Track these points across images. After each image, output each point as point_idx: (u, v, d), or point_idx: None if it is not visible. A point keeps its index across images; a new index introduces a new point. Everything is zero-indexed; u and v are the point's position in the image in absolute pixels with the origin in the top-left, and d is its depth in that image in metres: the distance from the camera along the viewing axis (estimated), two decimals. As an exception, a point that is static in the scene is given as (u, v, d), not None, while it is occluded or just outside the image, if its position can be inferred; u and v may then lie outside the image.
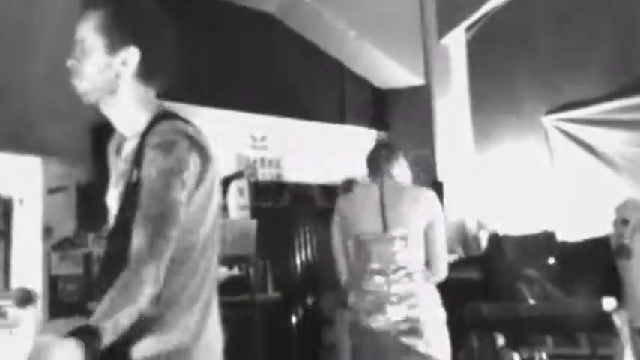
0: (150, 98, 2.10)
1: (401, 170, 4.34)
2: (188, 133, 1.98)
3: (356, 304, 4.14)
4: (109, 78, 2.03)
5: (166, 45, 2.11)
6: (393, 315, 3.98)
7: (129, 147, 2.08)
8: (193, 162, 1.94)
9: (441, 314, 4.08)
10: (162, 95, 2.22)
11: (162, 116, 2.06)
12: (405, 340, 3.97)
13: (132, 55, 2.03)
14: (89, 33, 2.03)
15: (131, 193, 1.96)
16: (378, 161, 4.34)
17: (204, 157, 1.98)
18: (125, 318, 1.76)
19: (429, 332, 3.97)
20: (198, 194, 1.98)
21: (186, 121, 2.05)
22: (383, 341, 4.02)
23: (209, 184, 2.01)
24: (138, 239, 1.85)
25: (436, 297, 4.09)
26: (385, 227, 4.09)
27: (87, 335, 1.66)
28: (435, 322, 4.01)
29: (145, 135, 2.01)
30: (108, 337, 1.71)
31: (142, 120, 2.06)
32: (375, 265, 4.07)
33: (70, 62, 2.05)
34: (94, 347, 1.66)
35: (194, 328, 2.00)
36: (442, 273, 4.09)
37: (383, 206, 4.12)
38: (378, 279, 4.05)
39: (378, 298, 4.03)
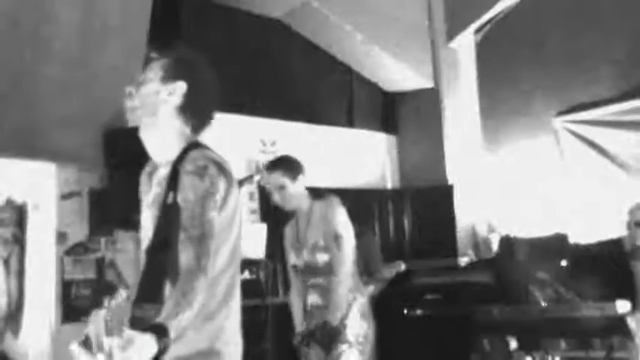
0: (185, 132, 2.42)
1: None
2: (216, 160, 2.29)
3: None
4: (155, 102, 2.39)
5: (209, 94, 2.51)
6: None
7: (162, 173, 2.39)
8: (222, 185, 2.26)
9: None
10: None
11: (193, 145, 2.37)
12: None
13: (179, 88, 2.40)
14: (153, 68, 2.43)
15: (167, 213, 2.26)
16: None
17: (229, 181, 2.30)
18: (185, 321, 2.08)
19: None
20: (222, 213, 2.27)
21: (212, 150, 2.37)
22: None
23: (232, 204, 2.31)
24: (186, 256, 2.15)
25: None
26: None
27: (159, 331, 2.00)
28: None
29: (177, 162, 2.31)
30: (173, 335, 2.03)
31: (174, 149, 2.36)
32: None
33: (129, 88, 2.42)
34: (165, 341, 2.01)
35: (214, 333, 2.27)
36: None
37: None
38: None
39: None
